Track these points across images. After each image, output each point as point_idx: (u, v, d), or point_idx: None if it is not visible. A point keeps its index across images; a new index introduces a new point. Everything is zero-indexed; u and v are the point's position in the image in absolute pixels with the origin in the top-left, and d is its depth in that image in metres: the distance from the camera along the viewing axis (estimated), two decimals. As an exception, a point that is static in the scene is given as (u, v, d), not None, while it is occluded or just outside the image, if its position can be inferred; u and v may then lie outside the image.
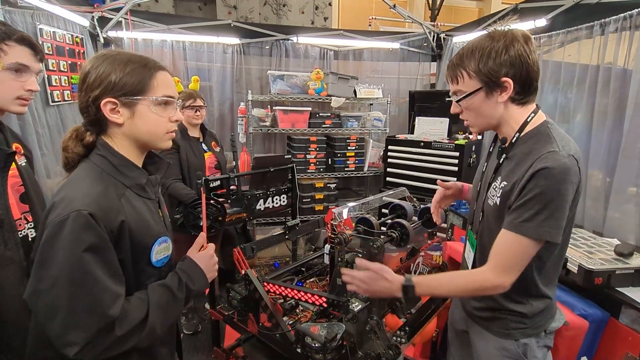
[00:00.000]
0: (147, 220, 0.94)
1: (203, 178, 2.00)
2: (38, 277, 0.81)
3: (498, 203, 1.03)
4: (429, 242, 1.60)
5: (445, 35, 3.88)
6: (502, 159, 1.07)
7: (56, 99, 2.35)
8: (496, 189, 1.05)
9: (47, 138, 2.23)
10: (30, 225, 1.24)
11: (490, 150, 1.21)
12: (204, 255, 1.04)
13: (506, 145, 1.06)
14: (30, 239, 1.22)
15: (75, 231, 0.80)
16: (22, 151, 1.29)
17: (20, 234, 1.19)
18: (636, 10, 2.00)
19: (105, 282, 0.82)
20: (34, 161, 2.06)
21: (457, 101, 1.06)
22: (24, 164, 1.25)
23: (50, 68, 2.32)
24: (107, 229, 0.83)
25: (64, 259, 0.79)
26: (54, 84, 2.34)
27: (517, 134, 1.04)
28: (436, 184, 1.38)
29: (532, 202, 0.94)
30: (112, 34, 3.10)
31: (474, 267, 1.17)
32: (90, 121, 0.91)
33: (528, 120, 1.03)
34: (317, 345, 1.16)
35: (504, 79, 0.97)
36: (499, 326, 1.14)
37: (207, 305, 2.47)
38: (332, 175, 3.71)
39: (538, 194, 0.93)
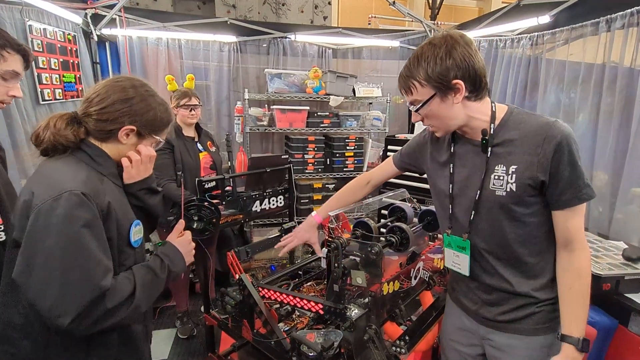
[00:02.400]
0: (125, 205, 1.04)
1: (180, 174, 1.94)
2: (29, 254, 0.86)
3: (515, 189, 1.02)
4: (430, 244, 1.55)
5: (446, 33, 3.82)
6: (489, 151, 1.07)
7: (47, 98, 2.29)
8: (502, 177, 1.04)
9: (36, 137, 2.16)
10: (0, 228, 1.19)
11: (452, 150, 1.18)
12: (183, 240, 1.14)
13: (487, 136, 1.07)
14: None
15: (70, 209, 0.86)
16: None
17: None
18: (643, 5, 1.95)
19: (98, 256, 0.89)
20: (22, 161, 2.02)
21: (416, 110, 1.08)
22: None
23: (41, 66, 2.26)
24: (97, 207, 0.91)
25: (59, 235, 0.85)
26: (44, 82, 2.28)
27: (492, 124, 1.07)
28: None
29: (575, 170, 0.97)
30: (106, 31, 3.04)
31: (472, 270, 1.13)
32: (101, 130, 1.00)
33: (494, 110, 1.07)
34: (313, 354, 1.11)
35: (455, 81, 1.00)
36: (536, 323, 1.09)
37: (202, 309, 2.42)
38: (331, 176, 3.65)
39: (574, 160, 0.97)
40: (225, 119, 3.67)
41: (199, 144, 2.45)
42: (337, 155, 3.60)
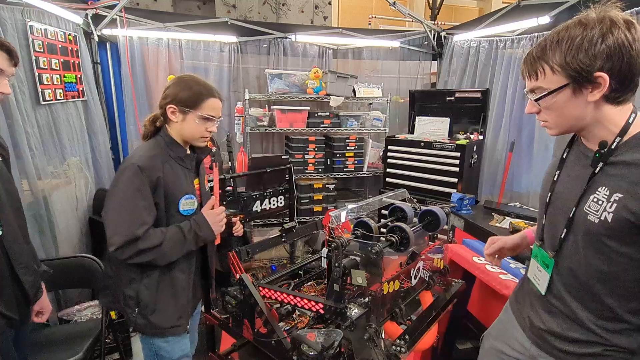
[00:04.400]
0: (180, 181, 1.38)
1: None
2: (106, 202, 1.30)
3: (610, 220, 0.85)
4: (430, 244, 1.55)
5: (446, 33, 3.83)
6: (598, 167, 0.90)
7: (47, 98, 2.29)
8: (601, 202, 0.87)
9: (37, 138, 2.16)
10: None
11: (564, 156, 1.03)
12: (212, 212, 1.43)
13: (605, 150, 0.89)
14: None
15: (130, 175, 1.26)
16: None
17: None
18: (643, 6, 1.95)
19: (140, 212, 1.27)
20: (23, 161, 2.02)
21: (537, 99, 0.90)
22: None
23: (42, 66, 2.26)
24: (148, 179, 1.27)
25: (120, 193, 1.27)
26: (45, 82, 2.28)
27: (619, 138, 0.87)
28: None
29: None
30: (106, 32, 3.05)
31: (549, 289, 1.02)
32: (162, 114, 1.39)
33: (630, 121, 0.87)
34: (313, 353, 1.12)
35: (598, 74, 0.81)
36: None
37: (202, 309, 2.43)
38: (331, 176, 3.66)
39: None
40: (225, 118, 3.67)
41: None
42: (338, 155, 3.61)
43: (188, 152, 1.45)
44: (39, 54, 2.24)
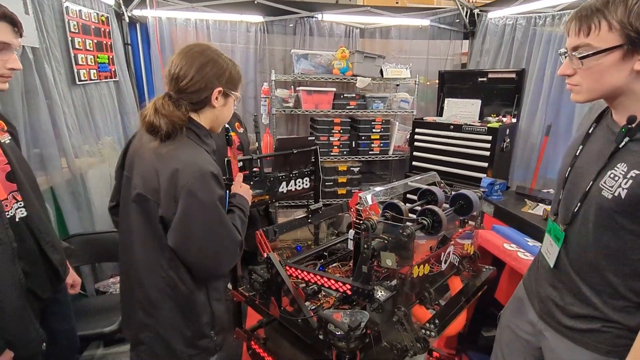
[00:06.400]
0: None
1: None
2: (186, 226, 1.03)
3: (624, 196, 0.84)
4: (460, 230, 1.51)
5: (480, 10, 3.64)
6: (623, 142, 0.87)
7: (83, 78, 2.36)
8: (617, 178, 0.86)
9: (73, 118, 2.24)
10: (20, 204, 1.17)
11: (590, 131, 1.01)
12: (245, 189, 1.33)
13: (633, 125, 0.86)
14: (18, 219, 1.16)
15: (213, 187, 1.04)
16: (6, 128, 1.21)
17: (8, 214, 1.12)
18: None
19: (229, 220, 1.11)
20: (62, 140, 2.10)
21: (582, 57, 0.84)
22: (7, 141, 1.18)
23: (77, 47, 2.32)
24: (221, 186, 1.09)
25: (207, 208, 1.03)
26: (80, 62, 2.35)
27: None
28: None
29: None
30: (136, 12, 3.08)
31: (557, 264, 1.03)
32: (198, 101, 1.10)
33: None
34: (340, 333, 1.13)
35: None
36: (599, 341, 0.95)
37: (229, 286, 2.50)
38: (356, 159, 3.62)
39: None
40: (250, 100, 3.68)
41: (226, 124, 2.48)
42: (363, 137, 3.55)
43: None
44: (74, 35, 2.30)
